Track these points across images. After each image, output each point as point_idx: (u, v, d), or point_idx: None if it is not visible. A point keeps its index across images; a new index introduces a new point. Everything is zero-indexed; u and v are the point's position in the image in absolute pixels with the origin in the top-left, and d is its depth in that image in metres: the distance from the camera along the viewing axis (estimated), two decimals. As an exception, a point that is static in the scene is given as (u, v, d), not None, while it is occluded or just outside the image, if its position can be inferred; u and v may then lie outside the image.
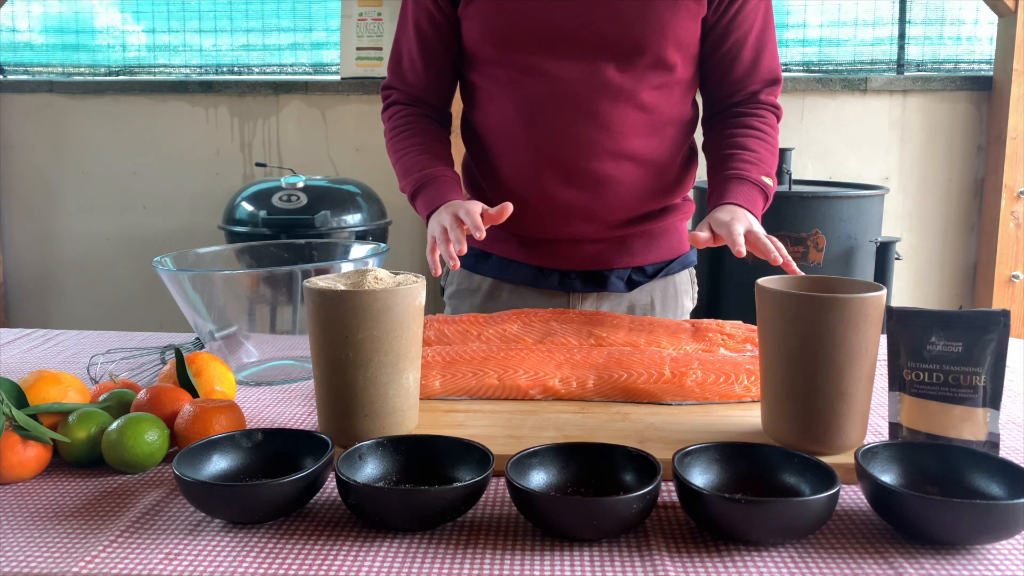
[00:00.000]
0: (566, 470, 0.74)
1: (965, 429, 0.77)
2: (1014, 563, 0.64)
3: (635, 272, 1.32)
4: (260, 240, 1.85)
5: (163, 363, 1.20)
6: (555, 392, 0.97)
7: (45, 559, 0.65)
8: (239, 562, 0.64)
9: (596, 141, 1.19)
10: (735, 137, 1.22)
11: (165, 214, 3.39)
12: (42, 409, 0.83)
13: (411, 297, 0.82)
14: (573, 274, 1.31)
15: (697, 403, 0.96)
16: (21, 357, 1.26)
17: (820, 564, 0.64)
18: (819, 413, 0.79)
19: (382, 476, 0.74)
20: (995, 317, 0.76)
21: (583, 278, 1.31)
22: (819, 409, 0.79)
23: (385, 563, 0.64)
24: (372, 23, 3.26)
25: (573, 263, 1.30)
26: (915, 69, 3.29)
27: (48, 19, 3.47)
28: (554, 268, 1.31)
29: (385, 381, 0.82)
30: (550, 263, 1.31)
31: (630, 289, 1.32)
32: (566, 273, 1.31)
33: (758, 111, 1.24)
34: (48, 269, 3.50)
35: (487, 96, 1.24)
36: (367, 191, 2.92)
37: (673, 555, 0.65)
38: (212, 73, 3.44)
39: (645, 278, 1.33)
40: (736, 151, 1.20)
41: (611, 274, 1.31)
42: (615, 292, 1.32)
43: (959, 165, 3.22)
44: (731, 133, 1.23)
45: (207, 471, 0.74)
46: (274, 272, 1.09)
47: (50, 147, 3.39)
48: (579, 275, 1.31)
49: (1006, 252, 3.12)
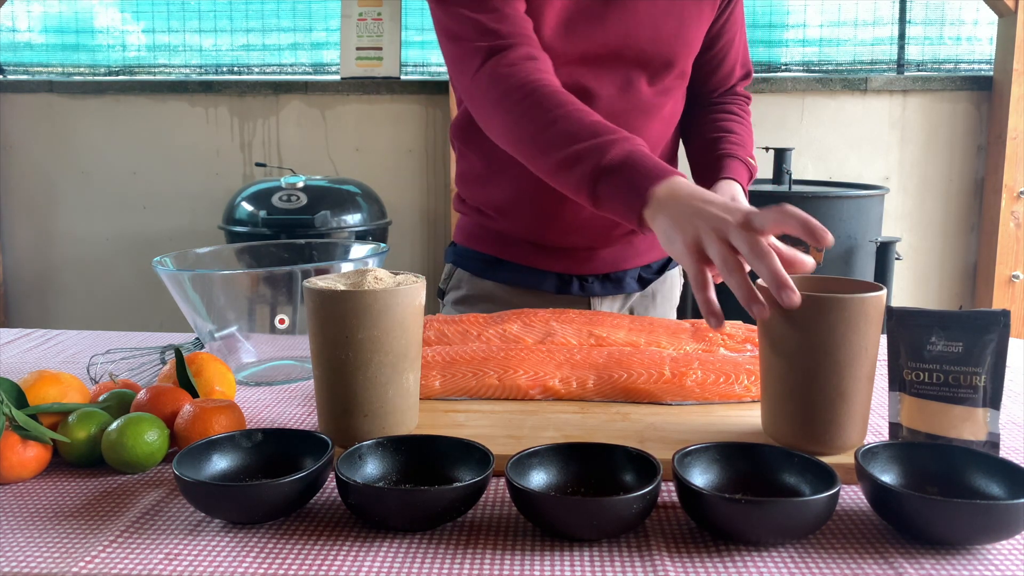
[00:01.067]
0: (566, 470, 0.74)
1: (965, 429, 0.77)
2: (1014, 563, 0.64)
3: (644, 270, 1.34)
4: (260, 240, 1.85)
5: (163, 363, 1.20)
6: (555, 392, 0.97)
7: (45, 559, 0.65)
8: (239, 562, 0.64)
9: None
10: (720, 122, 1.28)
11: (165, 214, 3.39)
12: (42, 409, 0.83)
13: (411, 297, 0.82)
14: (591, 278, 1.32)
15: (697, 403, 0.96)
16: (21, 357, 1.26)
17: (820, 564, 0.64)
18: (819, 413, 0.79)
19: (382, 476, 0.74)
20: (995, 317, 0.76)
21: (601, 281, 1.32)
22: (819, 409, 0.79)
23: (385, 563, 0.64)
24: (372, 23, 3.26)
25: (591, 268, 1.31)
26: (915, 69, 3.29)
27: (48, 19, 3.47)
28: (573, 274, 1.31)
29: (385, 381, 0.82)
30: (570, 269, 1.31)
31: (643, 287, 1.35)
32: (584, 278, 1.32)
33: (736, 100, 1.32)
34: (48, 269, 3.50)
35: None
36: (367, 191, 2.92)
37: (673, 555, 0.65)
38: (212, 73, 3.44)
39: (653, 275, 1.35)
40: (723, 134, 1.26)
41: (626, 275, 1.33)
42: (630, 293, 1.34)
43: (959, 165, 3.22)
44: (715, 119, 1.28)
45: (207, 471, 0.74)
46: (274, 272, 1.09)
47: (50, 147, 3.39)
48: (597, 279, 1.32)
49: (1006, 252, 3.12)
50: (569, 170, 0.92)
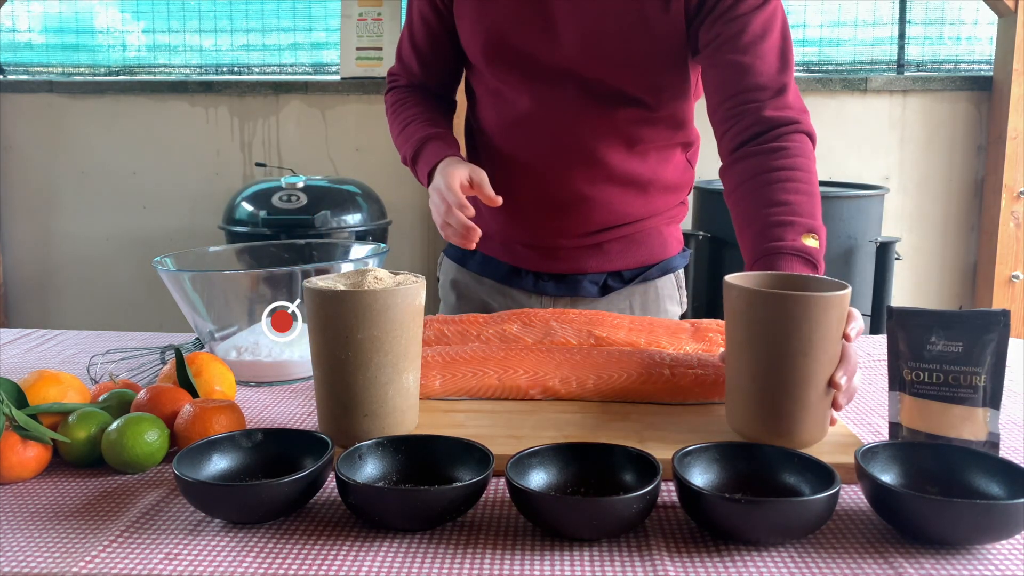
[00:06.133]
0: (566, 470, 0.74)
1: (965, 429, 0.77)
2: (1014, 563, 0.64)
3: (611, 277, 1.29)
4: (260, 240, 1.85)
5: (163, 363, 1.20)
6: (555, 392, 0.97)
7: (45, 559, 0.65)
8: (239, 562, 0.64)
9: (574, 163, 1.19)
10: (759, 190, 1.01)
11: (165, 214, 3.39)
12: (42, 409, 0.83)
13: (411, 297, 0.82)
14: (546, 276, 1.30)
15: (697, 403, 0.96)
16: (21, 357, 1.26)
17: (820, 564, 0.64)
18: (776, 408, 0.81)
19: (382, 476, 0.74)
20: (995, 317, 0.76)
21: (556, 280, 1.30)
22: (776, 404, 0.80)
23: (385, 563, 0.64)
24: (372, 23, 3.26)
25: (546, 265, 1.29)
26: (915, 69, 3.29)
27: (48, 19, 3.47)
28: (529, 269, 1.30)
29: (385, 381, 0.82)
30: (525, 264, 1.30)
31: (603, 294, 1.29)
32: (539, 275, 1.30)
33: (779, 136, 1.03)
34: (48, 269, 3.50)
35: (479, 99, 1.26)
36: (367, 191, 2.92)
37: (673, 555, 0.65)
38: (212, 73, 3.44)
39: (622, 283, 1.30)
40: (767, 210, 0.99)
41: (584, 278, 1.29)
42: (587, 297, 1.30)
43: (959, 165, 3.22)
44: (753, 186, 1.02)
45: (207, 471, 0.74)
46: (274, 272, 1.08)
47: (50, 147, 3.39)
48: (552, 277, 1.30)
49: (1006, 252, 3.12)
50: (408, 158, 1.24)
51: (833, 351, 0.80)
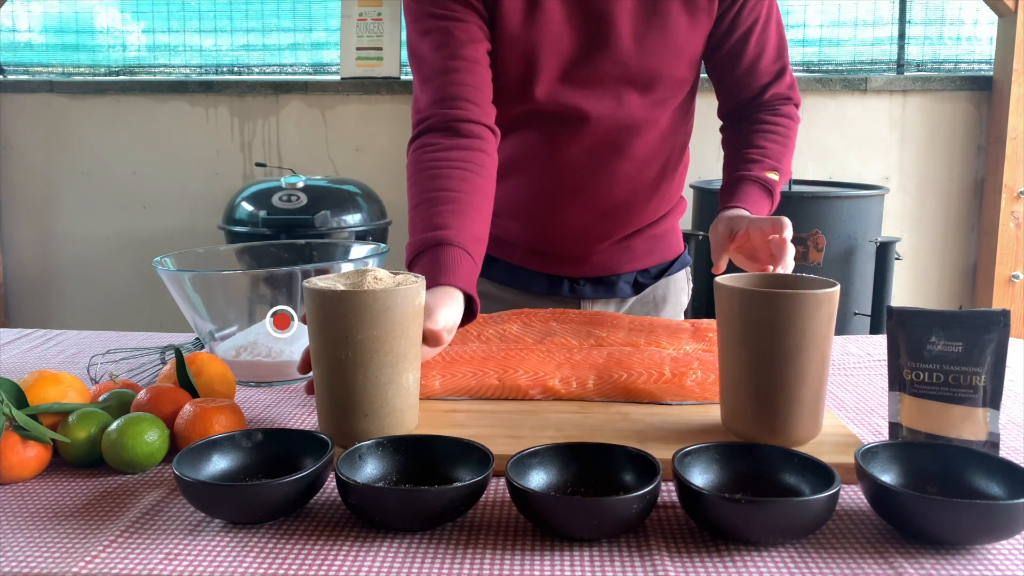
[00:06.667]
0: (566, 470, 0.74)
1: (965, 429, 0.77)
2: (1014, 563, 0.64)
3: (640, 275, 1.35)
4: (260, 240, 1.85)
5: (163, 363, 1.20)
6: (555, 392, 0.97)
7: (45, 559, 0.64)
8: (239, 562, 0.64)
9: (618, 172, 1.22)
10: (745, 136, 1.24)
11: (165, 214, 3.39)
12: (42, 409, 0.83)
13: (411, 297, 0.82)
14: (582, 281, 1.33)
15: (697, 403, 0.96)
16: (21, 357, 1.26)
17: (820, 564, 0.64)
18: (769, 406, 0.81)
19: (382, 476, 0.74)
20: (995, 317, 0.76)
21: (592, 284, 1.33)
22: (769, 402, 0.81)
23: (385, 563, 0.64)
24: (372, 23, 3.26)
25: (582, 271, 1.32)
26: (915, 69, 3.29)
27: (48, 19, 3.47)
28: (564, 276, 1.33)
29: (385, 381, 0.82)
30: (560, 271, 1.33)
31: (637, 292, 1.35)
32: (575, 280, 1.33)
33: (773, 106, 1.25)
34: (48, 269, 3.50)
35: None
36: (367, 191, 2.92)
37: (673, 555, 0.65)
38: (212, 73, 3.44)
39: (650, 280, 1.36)
40: (745, 150, 1.22)
41: (619, 279, 1.34)
42: (622, 297, 1.35)
43: (959, 165, 3.22)
44: (742, 134, 1.25)
45: (207, 471, 0.74)
46: (274, 272, 1.09)
47: (50, 147, 3.39)
48: (588, 281, 1.34)
49: (1006, 252, 3.12)
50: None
51: (825, 348, 0.80)
